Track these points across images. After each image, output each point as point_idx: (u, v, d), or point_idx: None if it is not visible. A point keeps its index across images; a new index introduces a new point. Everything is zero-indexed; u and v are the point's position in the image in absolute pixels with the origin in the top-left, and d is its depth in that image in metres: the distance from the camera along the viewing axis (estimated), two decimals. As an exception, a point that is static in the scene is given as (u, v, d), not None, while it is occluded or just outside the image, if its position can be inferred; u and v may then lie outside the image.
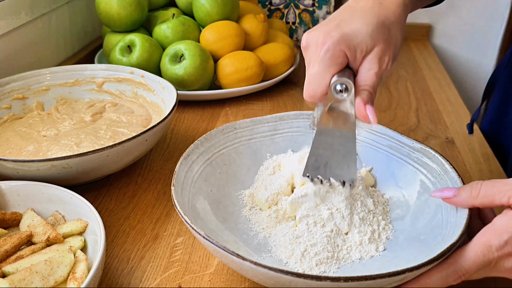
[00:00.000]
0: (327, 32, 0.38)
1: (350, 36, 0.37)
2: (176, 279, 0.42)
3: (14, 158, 0.47)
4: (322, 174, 0.41)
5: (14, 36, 0.70)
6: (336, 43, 0.37)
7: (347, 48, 0.38)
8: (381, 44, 0.38)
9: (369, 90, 0.38)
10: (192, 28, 0.76)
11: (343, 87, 0.37)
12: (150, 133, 0.51)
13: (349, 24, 0.38)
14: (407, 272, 0.33)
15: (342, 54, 0.38)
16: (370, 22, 0.38)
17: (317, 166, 0.41)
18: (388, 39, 0.38)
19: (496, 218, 0.36)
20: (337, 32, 0.37)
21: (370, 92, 0.38)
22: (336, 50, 0.37)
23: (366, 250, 0.42)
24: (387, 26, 0.38)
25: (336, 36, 0.37)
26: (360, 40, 0.38)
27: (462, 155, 0.61)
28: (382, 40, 0.38)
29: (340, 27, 0.38)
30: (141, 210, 0.51)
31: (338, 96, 0.37)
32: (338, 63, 0.38)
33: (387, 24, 0.38)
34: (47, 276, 0.37)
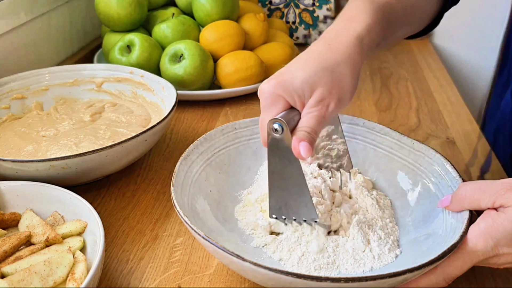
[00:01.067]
0: (268, 80, 0.39)
1: (286, 83, 0.38)
2: (176, 280, 0.42)
3: (13, 158, 0.47)
4: (285, 214, 0.42)
5: (13, 36, 0.70)
6: (273, 89, 0.39)
7: (284, 93, 0.39)
8: (320, 89, 0.38)
9: (305, 130, 0.38)
10: (191, 27, 0.76)
11: (279, 126, 0.38)
12: (150, 133, 0.51)
13: (289, 71, 0.39)
14: (408, 272, 0.33)
15: (280, 99, 0.39)
16: (308, 67, 0.39)
17: (279, 206, 0.41)
18: (330, 82, 0.38)
19: (480, 219, 0.37)
20: (276, 79, 0.39)
21: (307, 132, 0.38)
22: (274, 96, 0.39)
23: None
24: (329, 69, 0.39)
25: (273, 84, 0.39)
26: (296, 86, 0.38)
27: (462, 155, 0.61)
28: (321, 84, 0.38)
29: (282, 74, 0.39)
30: (141, 210, 0.50)
31: (274, 135, 0.38)
32: (277, 107, 0.39)
33: (329, 67, 0.39)
34: (46, 277, 0.37)
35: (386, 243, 0.42)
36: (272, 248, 0.42)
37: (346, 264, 0.40)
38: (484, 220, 0.36)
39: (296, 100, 0.39)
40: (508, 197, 0.36)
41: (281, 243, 0.42)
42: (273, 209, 0.42)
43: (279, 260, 0.41)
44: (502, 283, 0.42)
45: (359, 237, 0.41)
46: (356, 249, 0.41)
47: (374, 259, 0.41)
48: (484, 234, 0.36)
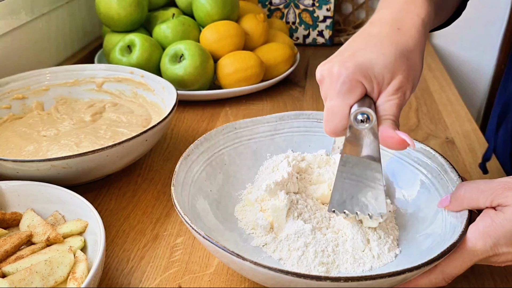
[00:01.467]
0: (342, 63, 0.36)
1: (366, 67, 0.36)
2: (176, 279, 0.42)
3: (14, 158, 0.47)
4: (348, 209, 0.40)
5: (14, 36, 0.70)
6: (352, 74, 0.35)
7: (364, 78, 0.36)
8: (399, 76, 0.36)
9: (392, 119, 0.36)
10: (192, 28, 0.76)
11: (364, 117, 0.35)
12: (150, 133, 0.51)
13: (364, 54, 0.36)
14: (407, 272, 0.33)
15: (359, 85, 0.36)
16: (387, 52, 0.36)
17: (343, 200, 0.40)
18: (407, 69, 0.36)
19: (479, 218, 0.37)
20: (352, 62, 0.36)
21: (393, 121, 0.36)
22: (353, 82, 0.35)
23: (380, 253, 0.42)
24: (405, 55, 0.36)
25: (352, 67, 0.35)
26: (377, 71, 0.36)
27: (462, 155, 0.61)
28: (401, 71, 0.36)
29: (356, 56, 0.36)
30: (141, 210, 0.51)
31: (360, 126, 0.36)
32: (355, 94, 0.36)
33: (405, 53, 0.36)
34: (47, 276, 0.37)
35: (386, 243, 0.42)
36: (272, 248, 0.42)
37: (345, 264, 0.41)
38: (483, 219, 0.36)
39: (375, 86, 0.36)
40: (506, 196, 0.36)
41: (281, 243, 0.42)
42: (335, 203, 0.40)
43: (279, 260, 0.41)
44: (501, 282, 0.42)
45: (358, 237, 0.41)
46: (355, 248, 0.41)
47: (373, 258, 0.41)
48: (483, 234, 0.36)
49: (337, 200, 0.40)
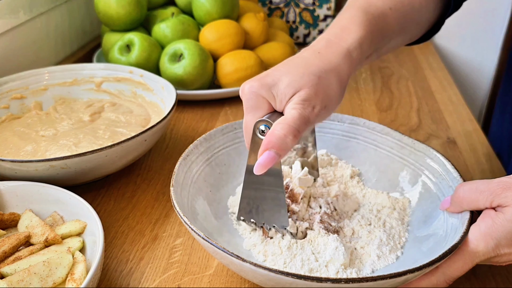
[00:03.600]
0: (251, 82, 0.38)
1: (270, 85, 0.38)
2: (176, 281, 0.42)
3: (12, 158, 0.47)
4: (255, 218, 0.41)
5: (12, 35, 0.70)
6: (256, 91, 0.38)
7: (267, 95, 0.38)
8: (306, 89, 0.37)
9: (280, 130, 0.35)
10: (191, 27, 0.75)
11: (266, 128, 0.37)
12: (149, 133, 0.50)
13: (274, 74, 0.38)
14: (408, 273, 0.33)
15: (263, 101, 0.38)
16: (295, 72, 0.38)
17: (249, 209, 0.41)
18: (316, 85, 0.37)
19: (479, 219, 0.37)
20: (259, 81, 0.38)
21: (283, 136, 0.35)
22: (258, 98, 0.38)
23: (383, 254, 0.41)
24: (316, 74, 0.38)
25: (256, 86, 0.38)
26: (281, 88, 0.37)
27: (463, 155, 0.61)
28: (308, 86, 0.37)
29: (264, 76, 0.38)
30: (140, 210, 0.50)
31: (261, 136, 0.38)
32: (261, 109, 0.38)
33: (317, 73, 0.38)
34: (45, 277, 0.37)
35: (388, 244, 0.42)
36: (258, 249, 0.42)
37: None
38: (483, 220, 0.36)
39: (278, 103, 0.38)
40: (505, 196, 0.36)
41: (268, 245, 0.41)
42: (243, 211, 0.41)
43: (264, 261, 0.41)
44: (503, 283, 0.42)
45: (341, 249, 0.41)
46: (334, 260, 0.40)
47: (375, 259, 0.41)
48: (484, 235, 0.36)
49: (244, 208, 0.41)
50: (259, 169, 0.36)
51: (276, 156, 0.36)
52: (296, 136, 0.36)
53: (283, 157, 0.37)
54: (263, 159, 0.36)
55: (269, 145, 0.36)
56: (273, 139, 0.35)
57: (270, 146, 0.35)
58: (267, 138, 0.36)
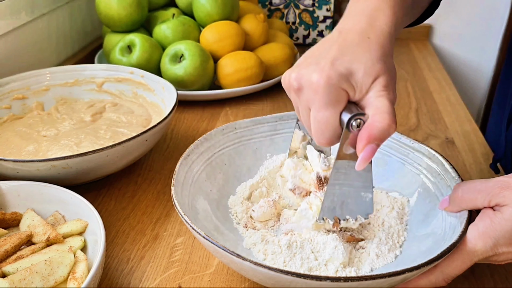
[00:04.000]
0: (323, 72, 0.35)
1: (347, 75, 0.35)
2: (176, 279, 0.42)
3: (14, 158, 0.47)
4: (338, 214, 0.40)
5: (14, 36, 0.70)
6: (337, 83, 0.35)
7: (348, 87, 0.36)
8: (383, 76, 0.36)
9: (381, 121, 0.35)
10: (192, 28, 0.76)
11: (358, 122, 0.35)
12: (150, 133, 0.51)
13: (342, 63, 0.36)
14: (407, 272, 0.33)
15: (344, 93, 0.36)
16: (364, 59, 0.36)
17: (333, 206, 0.40)
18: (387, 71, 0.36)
19: (478, 219, 0.37)
20: (334, 72, 0.35)
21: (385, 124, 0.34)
22: (339, 90, 0.35)
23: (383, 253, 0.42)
24: (382, 59, 0.36)
25: (335, 77, 0.35)
26: (358, 78, 0.35)
27: (462, 155, 0.61)
28: (382, 72, 0.36)
29: (335, 65, 0.36)
30: (141, 210, 0.51)
31: (356, 131, 0.36)
32: (342, 102, 0.36)
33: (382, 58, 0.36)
34: (47, 276, 0.37)
35: (386, 243, 0.42)
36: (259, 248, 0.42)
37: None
38: (482, 220, 0.36)
39: (357, 93, 0.36)
40: (503, 195, 0.36)
41: (268, 244, 0.42)
42: (326, 210, 0.40)
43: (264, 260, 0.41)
44: (501, 282, 0.42)
45: (341, 248, 0.41)
46: (333, 259, 0.41)
47: (373, 258, 0.41)
48: (483, 235, 0.36)
49: (328, 207, 0.40)
50: (362, 163, 0.35)
51: (377, 148, 0.35)
52: (396, 123, 0.35)
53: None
54: (367, 153, 0.35)
55: (371, 139, 0.34)
56: (376, 132, 0.34)
57: (373, 139, 0.34)
58: (367, 132, 0.35)
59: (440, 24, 1.06)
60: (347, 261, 0.40)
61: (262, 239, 0.42)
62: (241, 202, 0.47)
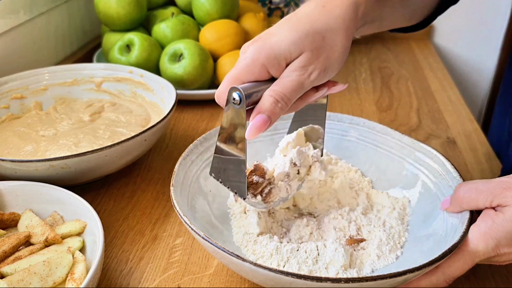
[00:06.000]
0: (254, 39, 0.36)
1: (272, 46, 0.35)
2: (176, 280, 0.42)
3: (13, 158, 0.47)
4: (222, 179, 0.40)
5: (12, 35, 0.70)
6: (255, 53, 0.35)
7: (266, 58, 0.35)
8: (307, 52, 0.35)
9: (273, 96, 0.34)
10: (191, 27, 0.75)
11: (238, 97, 0.35)
12: (149, 133, 0.50)
13: (276, 34, 0.36)
14: (408, 273, 0.33)
15: (260, 65, 0.35)
16: (299, 29, 0.35)
17: (219, 170, 0.39)
18: (319, 47, 0.35)
19: (479, 219, 0.37)
20: (261, 41, 0.36)
21: (275, 100, 0.34)
22: (255, 60, 0.35)
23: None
24: (321, 33, 0.35)
25: (258, 45, 0.35)
26: (283, 49, 0.35)
27: (463, 155, 0.61)
28: (310, 48, 0.35)
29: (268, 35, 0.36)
30: (140, 210, 0.50)
31: (233, 104, 0.35)
32: (252, 73, 0.35)
33: (321, 31, 0.35)
34: (45, 277, 0.37)
35: (387, 244, 0.42)
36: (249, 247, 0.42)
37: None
38: (483, 220, 0.36)
39: (282, 65, 0.35)
40: (505, 196, 0.36)
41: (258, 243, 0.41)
42: (214, 168, 0.40)
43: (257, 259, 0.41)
44: (502, 282, 0.42)
45: (340, 251, 0.41)
46: (334, 261, 0.40)
47: (374, 259, 0.41)
48: (484, 235, 0.36)
49: (216, 167, 0.39)
50: (252, 132, 0.34)
51: (268, 119, 0.34)
52: (287, 104, 0.35)
53: (272, 124, 0.35)
54: (256, 122, 0.34)
55: (261, 110, 0.34)
56: (263, 107, 0.34)
57: (262, 111, 0.34)
58: (257, 106, 0.35)
59: (442, 23, 1.06)
60: (348, 264, 0.40)
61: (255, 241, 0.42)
62: (240, 201, 0.47)
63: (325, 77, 0.36)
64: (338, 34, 0.36)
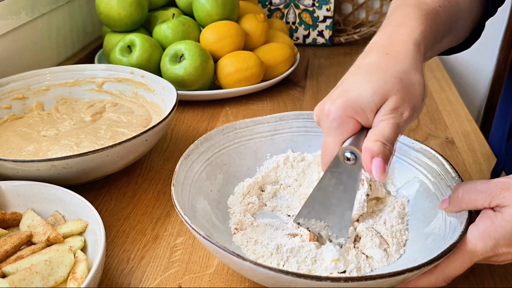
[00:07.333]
0: (332, 100, 0.36)
1: (354, 100, 0.35)
2: (176, 279, 0.42)
3: (14, 158, 0.47)
4: (312, 228, 0.40)
5: (14, 36, 0.70)
6: (341, 111, 0.35)
7: (354, 112, 0.35)
8: (393, 96, 0.35)
9: (380, 140, 0.34)
10: (192, 28, 0.76)
11: (351, 155, 0.35)
12: (150, 133, 0.51)
13: (353, 87, 0.36)
14: (407, 272, 0.33)
15: (350, 121, 0.35)
16: (374, 79, 0.35)
17: (310, 217, 0.40)
18: (402, 89, 0.35)
19: (478, 219, 0.37)
20: (341, 99, 0.35)
21: (382, 143, 0.34)
22: (343, 118, 0.35)
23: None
24: (397, 76, 0.35)
25: (340, 103, 0.35)
26: (366, 100, 0.35)
27: (462, 155, 0.61)
28: (394, 91, 0.35)
29: (345, 91, 0.36)
30: (141, 210, 0.51)
31: (347, 163, 0.35)
32: (346, 130, 0.36)
33: (397, 75, 0.36)
34: (47, 276, 0.37)
35: (387, 243, 0.42)
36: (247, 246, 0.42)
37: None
38: (482, 220, 0.36)
39: (369, 116, 0.35)
40: (503, 196, 0.36)
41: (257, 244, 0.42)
42: (303, 217, 0.40)
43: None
44: (501, 282, 0.42)
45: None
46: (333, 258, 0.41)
47: (374, 258, 0.41)
48: (483, 235, 0.36)
49: (305, 215, 0.40)
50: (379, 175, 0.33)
51: (383, 162, 0.34)
52: (392, 145, 0.34)
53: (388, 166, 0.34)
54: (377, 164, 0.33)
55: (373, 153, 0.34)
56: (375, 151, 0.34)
57: (375, 154, 0.34)
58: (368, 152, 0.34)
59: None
60: (338, 258, 0.40)
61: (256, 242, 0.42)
62: (240, 202, 0.47)
63: (414, 116, 0.37)
64: (412, 74, 0.36)
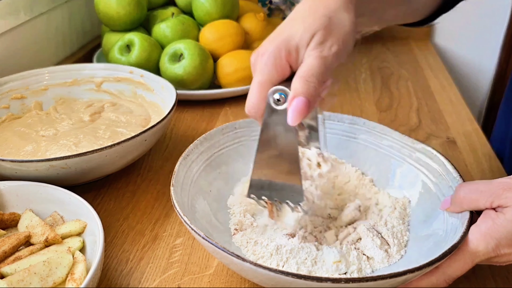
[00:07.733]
0: (269, 41, 0.37)
1: (288, 39, 0.36)
2: (176, 280, 0.42)
3: (13, 158, 0.47)
4: (266, 195, 0.39)
5: (12, 36, 0.70)
6: (276, 48, 0.36)
7: (287, 50, 0.36)
8: (319, 32, 0.36)
9: (302, 76, 0.34)
10: (191, 27, 0.75)
11: (281, 96, 0.34)
12: (149, 133, 0.50)
13: (288, 29, 0.37)
14: (409, 273, 0.33)
15: (284, 62, 0.36)
16: (305, 20, 0.36)
17: (261, 185, 0.38)
18: (328, 25, 0.36)
19: (480, 220, 0.37)
20: (276, 38, 0.36)
21: (305, 79, 0.34)
22: (277, 55, 0.36)
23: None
24: (327, 15, 0.36)
25: (276, 42, 0.36)
26: (298, 38, 0.36)
27: (463, 155, 0.61)
28: (321, 28, 0.36)
29: (280, 33, 0.37)
30: (140, 210, 0.50)
31: (276, 106, 0.35)
32: (278, 71, 0.36)
33: (327, 14, 0.36)
34: (45, 277, 0.37)
35: (388, 243, 0.42)
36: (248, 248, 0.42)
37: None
38: (484, 221, 0.36)
39: (300, 55, 0.36)
40: (506, 197, 0.36)
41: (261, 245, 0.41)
42: (254, 188, 0.39)
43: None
44: (503, 283, 0.42)
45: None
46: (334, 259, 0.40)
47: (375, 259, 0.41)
48: (485, 236, 0.36)
49: (256, 184, 0.38)
50: (294, 117, 0.33)
51: (306, 100, 0.34)
52: (318, 81, 0.34)
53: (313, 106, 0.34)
54: (295, 105, 0.34)
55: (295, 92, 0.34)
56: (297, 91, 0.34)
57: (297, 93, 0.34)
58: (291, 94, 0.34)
59: (442, 23, 1.06)
60: (340, 259, 0.39)
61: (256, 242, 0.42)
62: (239, 202, 0.47)
63: (344, 51, 0.37)
64: (341, 12, 0.37)
